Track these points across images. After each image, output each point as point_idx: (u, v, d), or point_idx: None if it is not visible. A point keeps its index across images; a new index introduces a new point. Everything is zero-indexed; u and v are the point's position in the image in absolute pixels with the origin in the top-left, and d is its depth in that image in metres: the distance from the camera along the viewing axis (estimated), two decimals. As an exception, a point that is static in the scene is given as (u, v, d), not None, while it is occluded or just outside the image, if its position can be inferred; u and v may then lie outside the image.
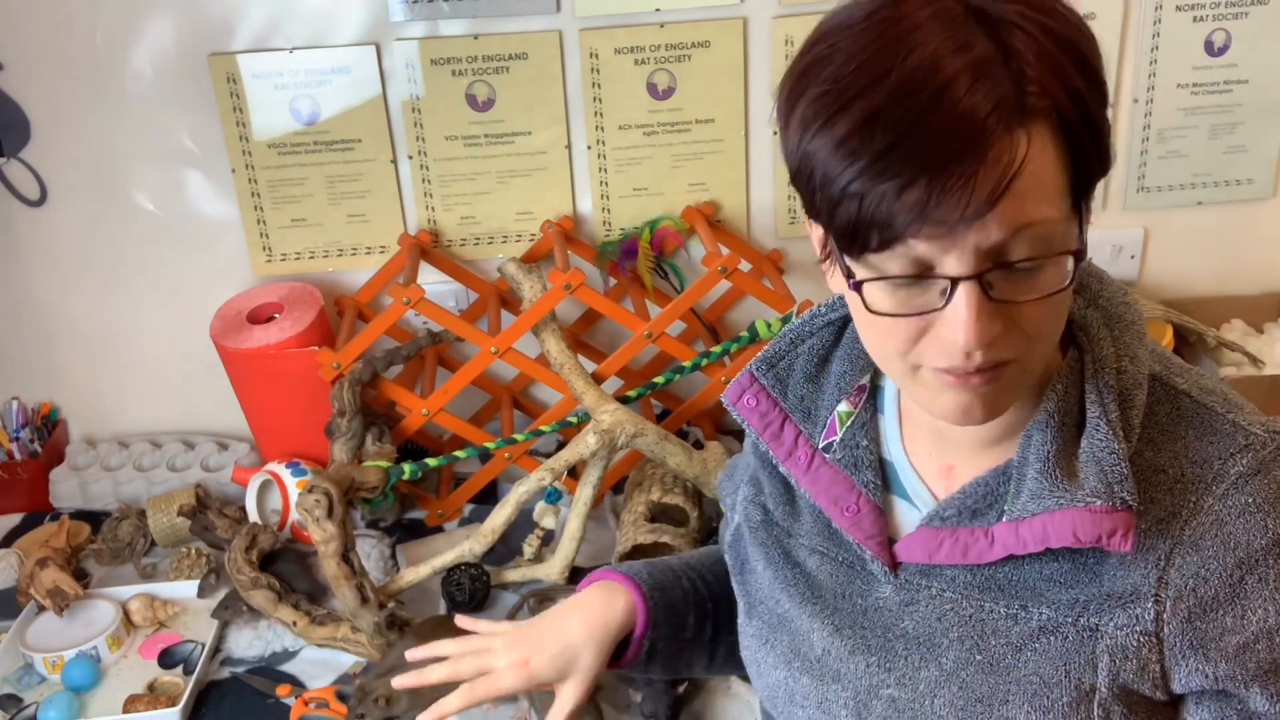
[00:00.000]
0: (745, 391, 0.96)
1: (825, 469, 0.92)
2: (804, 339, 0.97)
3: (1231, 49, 1.86)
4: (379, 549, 1.74)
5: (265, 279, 1.96)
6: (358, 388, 1.74)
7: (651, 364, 1.98)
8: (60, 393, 2.05)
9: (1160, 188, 1.96)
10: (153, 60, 1.82)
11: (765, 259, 1.93)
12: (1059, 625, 0.81)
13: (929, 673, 0.86)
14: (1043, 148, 0.69)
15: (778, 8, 1.81)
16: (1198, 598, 0.79)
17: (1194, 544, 0.79)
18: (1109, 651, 0.80)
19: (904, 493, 0.91)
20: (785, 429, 0.94)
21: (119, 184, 1.89)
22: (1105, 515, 0.76)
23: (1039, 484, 0.79)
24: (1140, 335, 0.84)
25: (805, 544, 0.95)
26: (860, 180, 0.69)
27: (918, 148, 0.67)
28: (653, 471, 1.74)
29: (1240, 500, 0.79)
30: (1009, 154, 0.67)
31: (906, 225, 0.68)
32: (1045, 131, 0.69)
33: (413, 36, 1.83)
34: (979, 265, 0.70)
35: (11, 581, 1.72)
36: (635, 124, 1.89)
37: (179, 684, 1.52)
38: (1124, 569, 0.80)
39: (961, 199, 0.67)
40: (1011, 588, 0.83)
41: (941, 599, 0.86)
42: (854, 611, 0.91)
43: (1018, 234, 0.69)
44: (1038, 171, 0.68)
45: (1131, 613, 0.79)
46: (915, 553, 0.87)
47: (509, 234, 1.95)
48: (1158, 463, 0.81)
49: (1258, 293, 2.03)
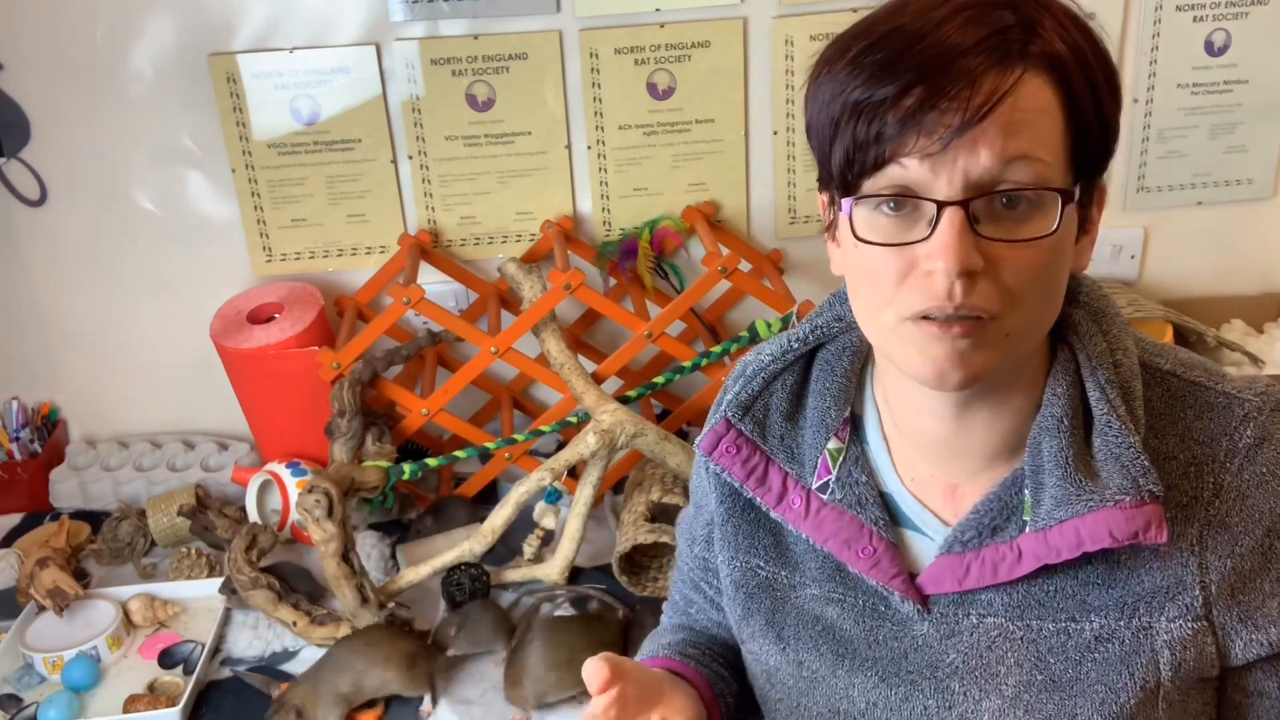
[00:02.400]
0: (722, 439, 0.91)
1: (827, 511, 0.88)
2: (775, 377, 0.93)
3: (1231, 49, 1.86)
4: (379, 549, 1.74)
5: (265, 279, 1.96)
6: (358, 388, 1.74)
7: (651, 364, 1.98)
8: (60, 393, 2.05)
9: (1160, 188, 1.96)
10: (153, 60, 1.82)
11: (765, 259, 1.93)
12: (1114, 631, 0.81)
13: (991, 703, 0.84)
14: (1039, 93, 0.72)
15: (778, 8, 1.81)
16: (1238, 573, 0.80)
17: (1222, 522, 0.80)
18: (1168, 647, 0.80)
19: (911, 524, 0.88)
20: (770, 473, 0.90)
21: (119, 184, 1.90)
22: (1137, 511, 0.76)
23: (1063, 489, 0.78)
24: (1124, 326, 0.85)
25: (816, 594, 0.90)
26: (860, 89, 0.73)
27: (914, 60, 0.71)
28: (653, 471, 1.74)
29: (1256, 471, 0.80)
30: (1000, 82, 0.70)
31: (898, 134, 0.71)
32: (1044, 82, 0.72)
33: (413, 36, 1.83)
34: (966, 192, 0.72)
35: (11, 581, 1.72)
36: (635, 124, 1.89)
37: (179, 684, 1.52)
38: (1160, 561, 0.80)
39: (952, 107, 0.70)
40: (1054, 601, 0.82)
41: (985, 625, 0.84)
42: (894, 657, 0.87)
43: (1008, 165, 0.71)
44: (1031, 112, 0.71)
45: (1181, 603, 0.80)
46: (944, 583, 0.84)
47: (509, 234, 1.95)
48: (1165, 449, 0.81)
49: (1258, 293, 2.03)
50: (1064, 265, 0.77)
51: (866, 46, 0.74)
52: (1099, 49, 0.76)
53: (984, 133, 0.71)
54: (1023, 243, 0.73)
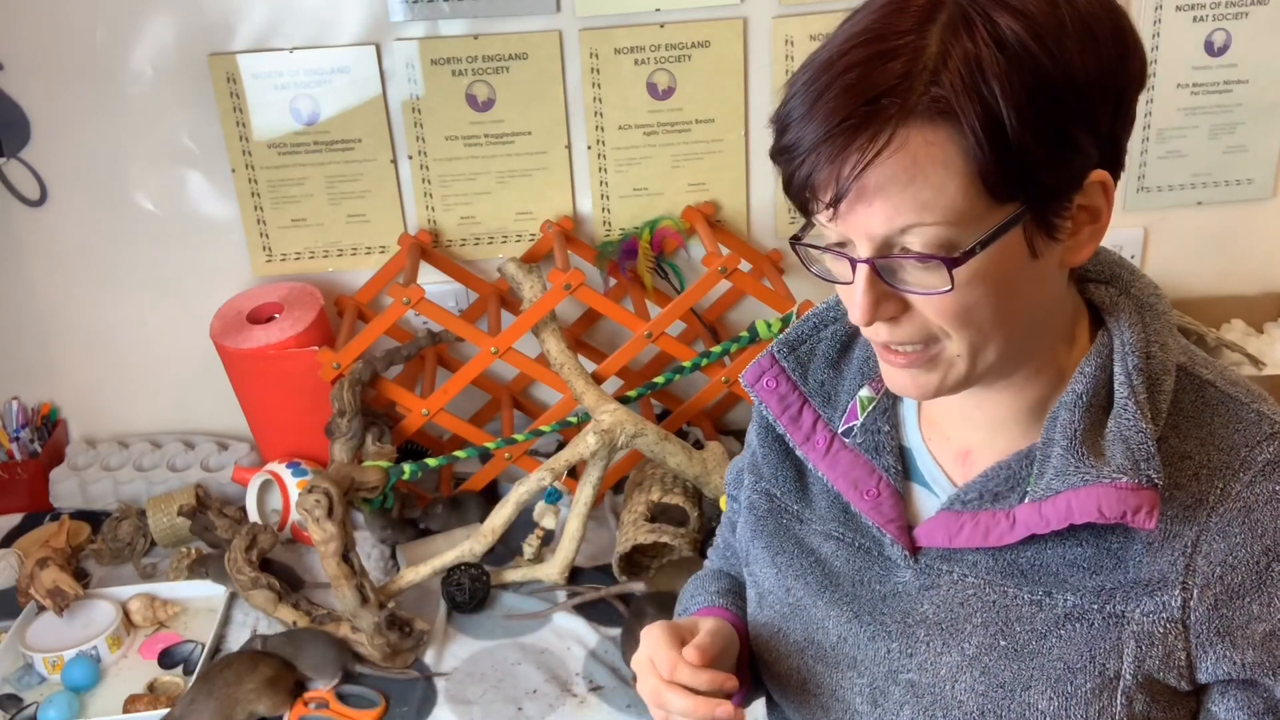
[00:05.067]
0: (765, 373, 0.96)
1: (845, 453, 0.92)
2: (827, 324, 0.97)
3: (1231, 49, 1.86)
4: (379, 549, 1.74)
5: (265, 279, 1.96)
6: (358, 388, 1.74)
7: (651, 364, 1.98)
8: (60, 393, 2.05)
9: (1160, 187, 1.96)
10: (153, 60, 1.82)
11: (765, 259, 1.93)
12: (1085, 612, 0.81)
13: (951, 658, 0.86)
14: (925, 149, 0.70)
15: (778, 8, 1.81)
16: (1225, 585, 0.78)
17: (1221, 531, 0.79)
18: (1135, 638, 0.80)
19: (922, 479, 0.91)
20: (804, 413, 0.94)
21: (119, 184, 1.90)
22: (1131, 492, 0.76)
23: (1064, 461, 0.79)
24: (1170, 327, 0.85)
25: (819, 530, 0.95)
26: (775, 139, 0.77)
27: (802, 129, 0.73)
28: (653, 471, 1.74)
29: (1268, 488, 0.79)
30: (864, 154, 0.70)
31: (806, 193, 0.75)
32: (942, 135, 0.70)
33: (413, 36, 1.83)
34: (874, 251, 0.74)
35: (11, 581, 1.72)
36: (635, 124, 1.89)
37: (179, 684, 1.52)
38: (1150, 555, 0.80)
39: (831, 180, 0.72)
40: (1035, 573, 0.83)
41: (964, 584, 0.86)
42: (873, 598, 0.90)
43: (902, 232, 0.73)
44: (915, 169, 0.70)
45: (1158, 599, 0.79)
46: (936, 537, 0.87)
47: (509, 234, 1.95)
48: (1184, 449, 0.81)
49: (1258, 293, 2.03)
50: (1007, 291, 0.76)
51: (785, 98, 0.76)
52: (1026, 62, 0.70)
53: (869, 199, 0.72)
54: (930, 294, 0.75)
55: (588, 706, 1.44)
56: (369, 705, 1.46)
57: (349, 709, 1.45)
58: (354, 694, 1.48)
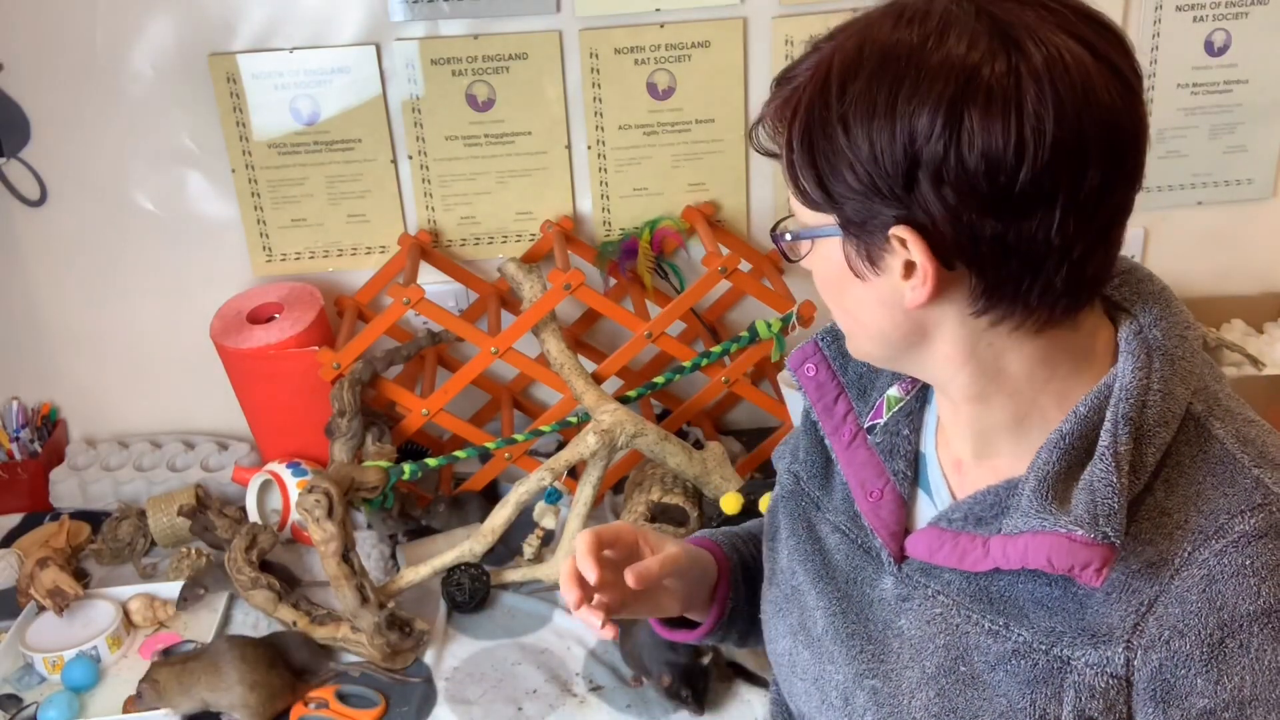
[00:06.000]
0: (808, 359, 0.98)
1: (862, 450, 0.93)
2: None
3: (1231, 49, 1.86)
4: (379, 549, 1.74)
5: (265, 279, 1.96)
6: (358, 388, 1.74)
7: (651, 364, 1.98)
8: (60, 393, 2.05)
9: (1160, 188, 1.96)
10: (153, 60, 1.82)
11: (765, 259, 1.93)
12: (1032, 650, 0.80)
13: (913, 673, 0.86)
14: (786, 150, 0.80)
15: (778, 8, 1.81)
16: (1170, 650, 0.75)
17: (1179, 596, 0.75)
18: (1074, 687, 0.78)
19: (928, 487, 0.91)
20: (839, 403, 0.96)
21: (119, 184, 1.90)
22: (1083, 546, 0.74)
23: (1030, 502, 0.78)
24: (1185, 375, 0.81)
25: (831, 520, 0.97)
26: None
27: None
28: (653, 471, 1.74)
29: (1237, 560, 0.74)
30: (771, 148, 0.83)
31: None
32: (792, 140, 0.79)
33: (413, 36, 1.83)
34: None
35: (11, 581, 1.72)
36: (635, 124, 1.89)
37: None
38: (1107, 606, 0.78)
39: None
40: (1001, 603, 0.82)
41: (935, 601, 0.86)
42: (860, 600, 0.92)
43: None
44: (788, 166, 0.80)
45: (1102, 653, 0.77)
46: (919, 549, 0.87)
47: (509, 234, 1.95)
48: (1166, 505, 0.78)
49: (1258, 293, 2.03)
50: (837, 293, 0.83)
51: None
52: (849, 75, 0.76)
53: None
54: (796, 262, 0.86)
55: (588, 706, 1.44)
56: (369, 705, 1.46)
57: (349, 709, 1.45)
58: (354, 694, 1.48)
